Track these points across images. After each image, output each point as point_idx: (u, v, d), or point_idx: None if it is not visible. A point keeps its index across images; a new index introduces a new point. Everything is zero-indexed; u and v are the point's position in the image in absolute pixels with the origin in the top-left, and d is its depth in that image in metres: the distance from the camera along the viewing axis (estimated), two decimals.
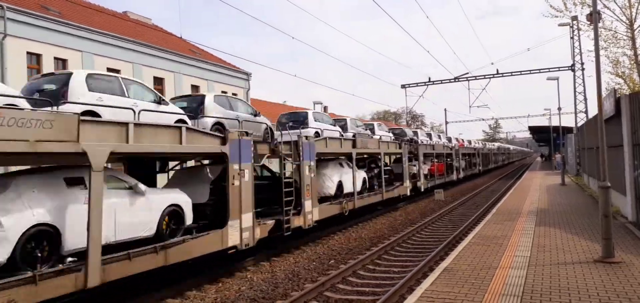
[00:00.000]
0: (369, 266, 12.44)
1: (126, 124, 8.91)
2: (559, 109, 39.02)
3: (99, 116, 9.10)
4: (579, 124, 36.73)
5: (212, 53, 34.69)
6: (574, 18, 31.88)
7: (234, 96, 15.70)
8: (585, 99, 37.96)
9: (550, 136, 55.73)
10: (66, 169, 8.75)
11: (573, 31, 37.24)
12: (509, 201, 21.45)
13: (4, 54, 20.50)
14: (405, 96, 51.89)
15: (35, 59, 22.01)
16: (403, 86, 51.28)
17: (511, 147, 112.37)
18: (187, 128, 10.45)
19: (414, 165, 28.72)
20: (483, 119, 76.38)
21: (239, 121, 13.30)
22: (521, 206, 18.55)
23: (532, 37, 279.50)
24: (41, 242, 7.65)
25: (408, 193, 25.83)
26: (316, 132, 17.45)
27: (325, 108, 52.54)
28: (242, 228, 11.58)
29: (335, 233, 17.19)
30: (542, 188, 27.44)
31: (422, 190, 28.87)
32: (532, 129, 70.61)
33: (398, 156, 27.50)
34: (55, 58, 22.82)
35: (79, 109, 8.76)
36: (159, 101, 11.19)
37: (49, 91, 9.25)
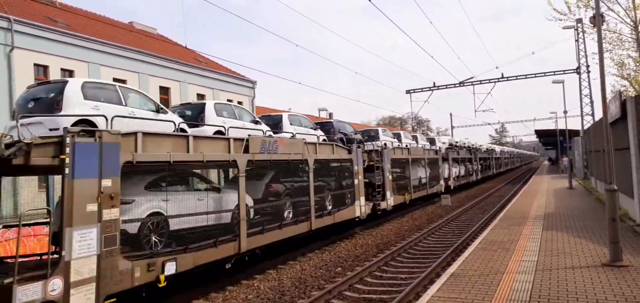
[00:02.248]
0: (375, 273, 12.42)
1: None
2: (565, 112, 38.89)
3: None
4: (585, 127, 36.56)
5: (217, 62, 34.84)
6: (579, 21, 31.83)
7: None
8: (592, 101, 37.84)
9: (557, 139, 55.45)
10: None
11: (578, 34, 37.17)
12: (516, 205, 21.36)
13: (12, 66, 20.71)
14: (410, 102, 52.33)
15: (42, 70, 22.20)
16: (408, 92, 51.41)
17: (516, 150, 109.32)
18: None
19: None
20: (489, 124, 76.05)
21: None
22: (528, 211, 18.47)
23: (537, 40, 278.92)
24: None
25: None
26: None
27: (330, 115, 52.61)
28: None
29: (342, 240, 17.18)
30: (549, 191, 27.32)
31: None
32: (539, 133, 70.25)
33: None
34: (62, 69, 23.00)
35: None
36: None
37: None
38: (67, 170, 7.84)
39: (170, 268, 9.47)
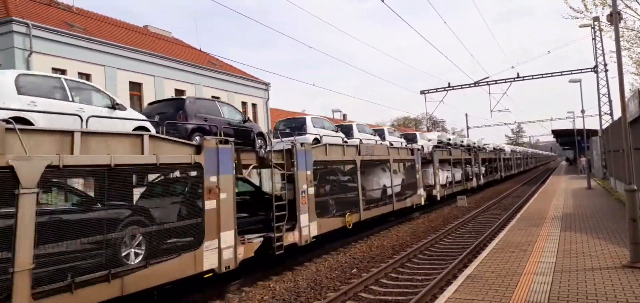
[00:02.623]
0: (391, 274, 12.37)
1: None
2: (583, 111, 38.40)
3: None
4: (604, 127, 36.03)
5: (232, 64, 35.04)
6: (595, 19, 31.34)
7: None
8: (610, 100, 37.24)
9: (575, 139, 54.74)
10: None
11: (595, 32, 36.65)
12: (534, 206, 21.12)
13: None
14: (425, 102, 51.82)
15: (60, 74, 22.52)
16: (422, 92, 51.21)
17: (530, 150, 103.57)
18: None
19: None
20: (505, 124, 75.25)
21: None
22: (546, 211, 18.24)
23: (553, 39, 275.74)
24: None
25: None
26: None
27: (344, 116, 52.58)
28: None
29: (357, 242, 17.14)
30: (567, 192, 26.97)
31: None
32: (556, 133, 69.41)
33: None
34: (79, 73, 23.31)
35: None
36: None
37: None
38: None
39: None
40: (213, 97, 31.24)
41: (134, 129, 9.57)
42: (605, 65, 37.14)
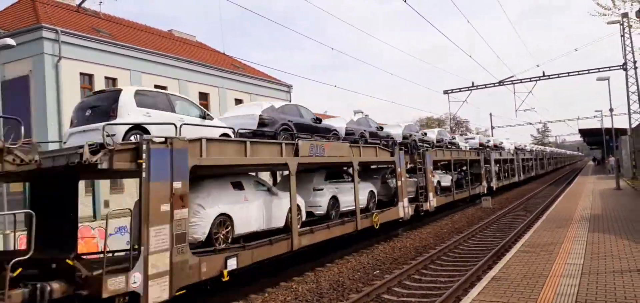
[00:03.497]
0: (414, 276, 12.30)
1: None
2: (611, 110, 37.46)
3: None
4: (633, 125, 35.11)
5: (254, 67, 35.28)
6: (624, 15, 30.59)
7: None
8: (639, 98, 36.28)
9: (603, 138, 53.48)
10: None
11: (623, 29, 35.72)
12: (560, 207, 20.73)
13: (60, 75, 21.58)
14: (449, 102, 51.12)
15: (87, 79, 23.03)
16: (445, 92, 50.64)
17: (548, 149, 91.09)
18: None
19: None
20: (530, 123, 73.83)
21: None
22: (573, 212, 17.88)
23: (580, 37, 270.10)
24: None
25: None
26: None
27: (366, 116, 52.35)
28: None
29: (379, 243, 17.08)
30: (594, 193, 26.38)
31: None
32: (583, 132, 67.92)
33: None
34: (106, 77, 23.80)
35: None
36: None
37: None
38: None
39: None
40: (236, 100, 31.59)
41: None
42: (635, 62, 36.18)
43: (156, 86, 26.00)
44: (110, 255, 9.36)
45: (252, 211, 11.59)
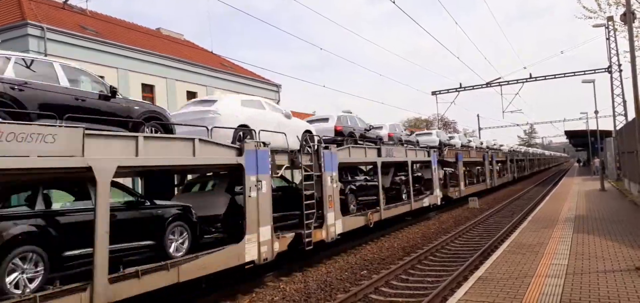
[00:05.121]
0: (401, 276, 12.35)
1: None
2: (596, 112, 37.97)
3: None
4: (618, 128, 35.60)
5: (243, 66, 35.18)
6: (610, 18, 31.01)
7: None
8: (624, 101, 36.79)
9: (588, 140, 54.16)
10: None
11: (608, 32, 36.22)
12: (546, 208, 20.96)
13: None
14: (436, 103, 51.42)
15: None
16: (433, 93, 50.89)
17: (530, 150, 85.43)
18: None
19: None
20: (517, 125, 74.50)
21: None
22: (558, 213, 18.08)
23: (566, 39, 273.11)
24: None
25: None
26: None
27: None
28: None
29: (367, 243, 17.12)
30: (580, 194, 26.71)
31: None
32: (569, 134, 68.73)
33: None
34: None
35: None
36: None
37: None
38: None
39: None
40: None
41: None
42: (619, 65, 36.70)
43: (144, 85, 25.94)
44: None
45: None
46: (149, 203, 9.53)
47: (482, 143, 43.08)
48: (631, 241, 11.51)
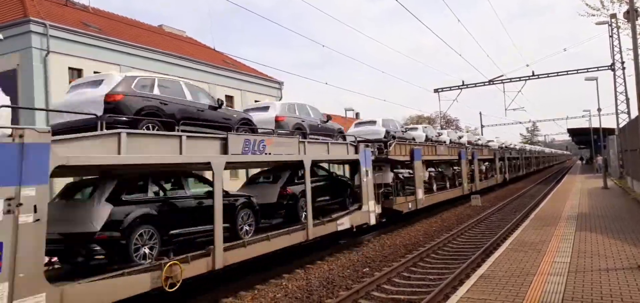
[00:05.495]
0: (403, 273, 12.35)
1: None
2: (599, 110, 37.82)
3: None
4: (621, 125, 35.50)
5: (246, 64, 35.19)
6: (613, 16, 30.89)
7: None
8: (627, 99, 36.61)
9: (591, 138, 54.01)
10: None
11: (611, 29, 36.08)
12: (548, 206, 20.92)
13: (48, 69, 21.35)
14: (439, 101, 51.32)
15: (76, 73, 22.82)
16: (436, 90, 50.82)
17: (530, 147, 78.22)
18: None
19: None
20: (520, 122, 74.31)
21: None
22: (561, 211, 18.05)
23: (569, 36, 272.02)
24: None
25: None
26: None
27: (357, 114, 52.51)
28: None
29: (369, 241, 17.13)
30: (582, 191, 26.66)
31: None
32: (572, 132, 68.55)
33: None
34: (95, 72, 23.52)
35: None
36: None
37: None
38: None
39: None
40: (226, 96, 31.46)
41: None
42: (622, 63, 36.56)
43: None
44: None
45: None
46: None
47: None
48: (634, 239, 11.49)
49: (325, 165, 18.43)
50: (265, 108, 15.19)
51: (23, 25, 21.05)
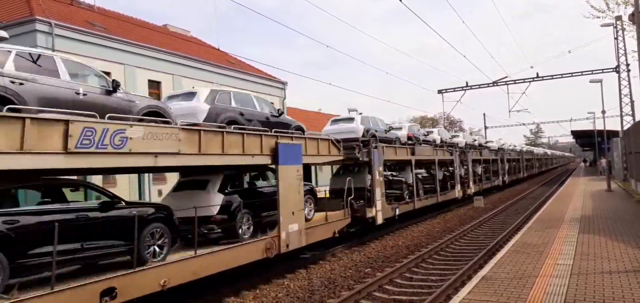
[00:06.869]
0: (405, 274, 12.35)
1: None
2: (603, 112, 37.74)
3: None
4: (625, 128, 35.38)
5: (249, 63, 35.26)
6: (618, 18, 30.83)
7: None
8: (632, 101, 36.53)
9: (595, 140, 53.84)
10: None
11: (616, 32, 35.97)
12: (551, 208, 20.87)
13: None
14: (443, 102, 51.39)
15: None
16: (440, 91, 50.73)
17: (528, 148, 72.16)
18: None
19: None
20: (524, 124, 74.01)
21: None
22: (564, 213, 18.01)
23: (573, 38, 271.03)
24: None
25: None
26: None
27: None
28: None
29: (372, 241, 17.14)
30: (586, 194, 26.58)
31: None
32: (576, 134, 68.31)
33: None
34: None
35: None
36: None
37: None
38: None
39: None
40: None
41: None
42: (627, 65, 36.46)
43: (150, 81, 26.05)
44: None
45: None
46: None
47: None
48: (637, 242, 11.45)
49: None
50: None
51: (29, 24, 21.14)
